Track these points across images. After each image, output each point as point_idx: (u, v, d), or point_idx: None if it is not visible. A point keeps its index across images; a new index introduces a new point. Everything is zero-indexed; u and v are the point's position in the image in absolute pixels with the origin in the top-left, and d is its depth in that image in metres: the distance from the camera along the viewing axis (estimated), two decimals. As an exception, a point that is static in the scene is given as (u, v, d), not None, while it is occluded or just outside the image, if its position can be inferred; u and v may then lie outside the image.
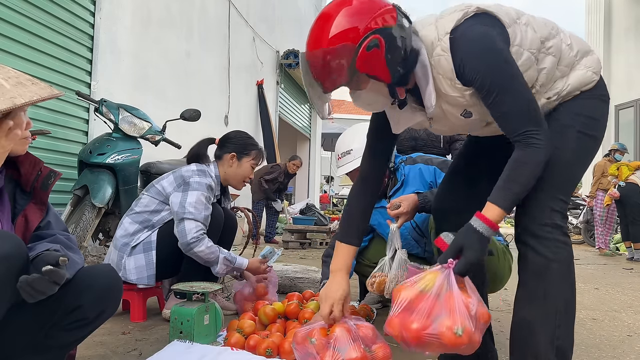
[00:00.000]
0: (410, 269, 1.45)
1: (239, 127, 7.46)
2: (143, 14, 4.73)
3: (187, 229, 2.31)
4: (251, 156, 2.62)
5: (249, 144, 2.64)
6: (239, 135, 2.67)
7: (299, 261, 4.98)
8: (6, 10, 3.18)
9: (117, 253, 2.42)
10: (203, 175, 2.46)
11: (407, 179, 2.25)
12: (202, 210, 2.37)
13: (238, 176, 2.61)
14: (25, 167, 1.32)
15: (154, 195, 2.48)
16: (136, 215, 2.46)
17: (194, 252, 2.32)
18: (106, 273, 1.39)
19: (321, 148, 14.46)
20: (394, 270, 2.06)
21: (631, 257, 6.52)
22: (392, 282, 2.04)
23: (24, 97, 1.17)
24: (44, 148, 3.48)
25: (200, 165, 2.54)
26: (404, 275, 2.05)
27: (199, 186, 2.40)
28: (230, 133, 2.70)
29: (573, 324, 1.43)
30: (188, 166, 2.53)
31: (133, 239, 2.42)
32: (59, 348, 1.34)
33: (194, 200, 2.36)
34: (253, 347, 1.90)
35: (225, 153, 2.59)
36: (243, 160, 2.60)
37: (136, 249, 2.40)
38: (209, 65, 6.30)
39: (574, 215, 9.44)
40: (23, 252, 1.17)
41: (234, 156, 2.58)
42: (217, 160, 2.61)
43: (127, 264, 2.38)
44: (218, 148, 2.64)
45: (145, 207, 2.46)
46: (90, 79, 4.01)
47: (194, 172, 2.46)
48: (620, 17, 10.26)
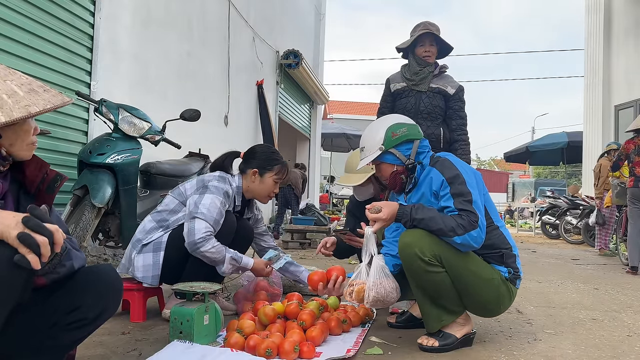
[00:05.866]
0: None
1: (239, 127, 7.46)
2: (143, 14, 4.72)
3: (196, 228, 2.31)
4: (274, 172, 2.62)
5: (271, 160, 2.63)
6: (262, 150, 2.68)
7: (299, 261, 4.96)
8: (6, 10, 3.18)
9: (130, 248, 2.49)
10: (222, 182, 2.50)
11: (420, 182, 2.19)
12: (215, 213, 2.37)
13: (261, 191, 2.63)
14: (31, 169, 1.32)
15: (176, 196, 2.54)
16: (157, 214, 2.53)
17: (201, 252, 2.31)
18: (106, 273, 1.39)
19: (321, 148, 14.46)
20: (372, 277, 2.05)
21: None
22: (371, 289, 2.03)
23: (38, 106, 1.17)
24: (44, 148, 3.47)
25: (223, 172, 2.58)
26: (382, 282, 2.04)
27: (215, 190, 2.43)
28: (256, 147, 2.71)
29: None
30: (212, 174, 2.58)
31: (147, 236, 2.47)
32: (58, 348, 1.33)
33: (208, 202, 2.37)
34: (253, 348, 1.90)
35: (248, 168, 2.61)
36: (265, 176, 2.61)
37: (147, 247, 2.44)
38: (209, 65, 6.29)
39: (574, 215, 9.45)
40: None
41: (256, 172, 2.60)
42: (242, 174, 2.64)
43: (136, 260, 2.43)
44: (242, 162, 2.67)
45: (166, 207, 2.53)
46: (90, 79, 4.01)
47: (214, 177, 2.52)
48: (620, 17, 10.26)
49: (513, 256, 2.14)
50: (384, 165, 2.24)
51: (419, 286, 2.12)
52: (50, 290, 1.30)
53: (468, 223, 1.96)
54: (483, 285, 2.06)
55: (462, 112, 3.30)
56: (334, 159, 17.97)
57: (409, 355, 2.03)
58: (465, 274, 2.04)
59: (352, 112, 31.33)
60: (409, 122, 2.28)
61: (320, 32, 13.43)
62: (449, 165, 2.12)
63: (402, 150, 2.19)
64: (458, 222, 1.96)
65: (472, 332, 2.18)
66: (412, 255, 2.02)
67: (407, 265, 2.08)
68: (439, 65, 3.32)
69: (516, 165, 31.53)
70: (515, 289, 2.15)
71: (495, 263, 2.11)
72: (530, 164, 15.41)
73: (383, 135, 2.19)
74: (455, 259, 2.02)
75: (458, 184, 2.04)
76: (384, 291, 2.05)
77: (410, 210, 2.05)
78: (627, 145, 5.30)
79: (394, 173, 2.21)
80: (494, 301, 2.12)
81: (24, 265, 1.02)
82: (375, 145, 2.20)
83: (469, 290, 2.07)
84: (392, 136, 2.18)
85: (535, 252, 7.36)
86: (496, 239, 2.12)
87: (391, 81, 3.38)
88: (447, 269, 2.02)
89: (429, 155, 2.24)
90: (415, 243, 2.02)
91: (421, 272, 2.04)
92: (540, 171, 35.38)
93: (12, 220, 1.04)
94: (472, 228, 1.95)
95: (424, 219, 2.01)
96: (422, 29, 3.25)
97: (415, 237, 2.03)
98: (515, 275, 2.14)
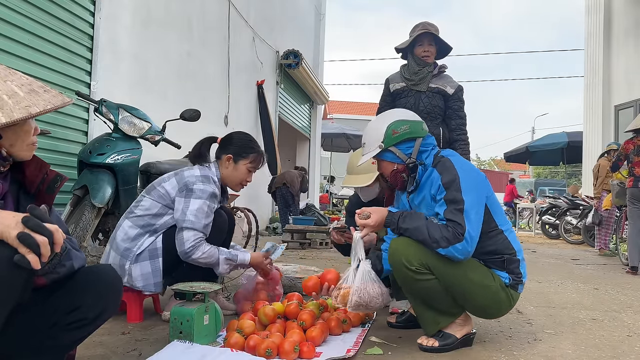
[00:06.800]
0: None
1: (239, 127, 7.45)
2: (143, 14, 4.72)
3: (184, 238, 2.30)
4: (248, 159, 2.54)
5: (247, 147, 2.57)
6: (239, 136, 2.61)
7: (298, 261, 4.97)
8: (6, 10, 3.18)
9: (118, 258, 2.38)
10: (207, 182, 2.41)
11: (423, 183, 2.13)
12: (202, 218, 2.34)
13: (234, 179, 2.56)
14: (31, 169, 1.32)
15: (156, 198, 2.43)
16: (137, 219, 2.42)
17: (193, 260, 2.32)
18: (106, 273, 1.39)
19: (321, 148, 14.46)
20: (358, 282, 2.03)
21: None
22: (354, 294, 2.01)
23: (38, 106, 1.17)
24: (44, 148, 3.47)
25: (203, 168, 2.49)
26: (367, 287, 2.03)
27: (202, 194, 2.37)
28: (232, 134, 2.64)
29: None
30: (191, 170, 2.48)
31: (136, 244, 2.38)
32: (58, 348, 1.33)
33: (195, 208, 2.33)
34: (253, 348, 1.90)
35: (223, 154, 2.55)
36: (240, 163, 2.53)
37: (142, 256, 2.36)
38: (209, 65, 6.29)
39: (574, 215, 9.45)
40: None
41: (230, 158, 2.52)
42: (217, 160, 2.58)
43: (132, 271, 2.35)
44: (218, 148, 2.60)
45: (147, 211, 2.42)
46: (90, 79, 4.01)
47: (197, 179, 2.41)
48: (620, 17, 10.26)
49: (516, 261, 2.10)
50: (384, 162, 2.21)
51: (411, 292, 2.12)
52: (50, 290, 1.30)
53: (453, 236, 1.92)
54: (479, 291, 2.03)
55: (461, 112, 3.30)
56: (334, 159, 17.98)
57: (409, 355, 2.03)
58: (458, 281, 2.01)
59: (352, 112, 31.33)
60: (413, 118, 2.22)
61: (320, 32, 13.44)
62: (449, 166, 2.05)
63: (402, 149, 2.14)
64: (443, 234, 1.93)
65: (472, 332, 2.18)
66: (399, 263, 2.02)
67: (396, 273, 2.08)
68: (438, 65, 3.32)
69: (516, 165, 31.50)
70: (517, 294, 2.11)
71: (496, 268, 2.07)
72: (530, 164, 15.40)
73: (383, 132, 2.14)
74: (446, 266, 1.99)
75: (453, 189, 1.98)
76: (368, 296, 2.02)
77: (397, 219, 2.05)
78: (627, 146, 5.29)
79: (394, 171, 2.17)
80: (493, 306, 2.09)
81: (24, 265, 1.02)
82: (375, 142, 2.16)
83: (465, 297, 2.05)
84: (393, 134, 2.13)
85: (535, 252, 7.36)
86: (499, 244, 2.08)
87: (390, 81, 3.38)
88: (438, 277, 2.01)
89: (433, 154, 2.16)
90: (402, 252, 2.01)
91: (410, 280, 2.03)
92: (540, 171, 35.37)
93: (12, 220, 1.04)
94: (457, 241, 1.92)
95: (409, 229, 2.01)
96: (421, 29, 3.25)
97: (402, 245, 2.03)
98: (517, 281, 2.09)
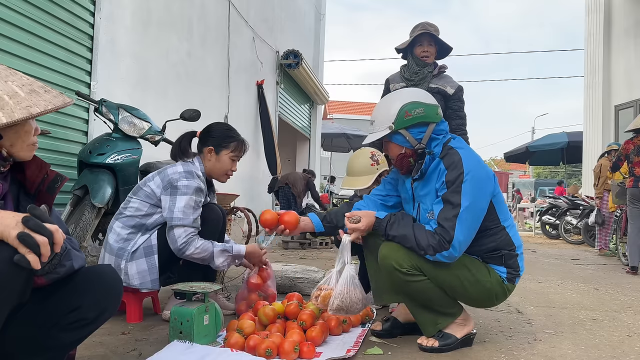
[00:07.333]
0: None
1: (239, 127, 7.41)
2: (143, 14, 4.72)
3: (176, 235, 2.30)
4: (230, 149, 2.52)
5: (227, 137, 2.54)
6: (217, 127, 2.58)
7: (298, 261, 4.98)
8: (6, 10, 3.18)
9: (113, 258, 2.37)
10: (191, 177, 2.40)
11: (429, 174, 2.07)
12: (190, 214, 2.33)
13: (218, 170, 2.53)
14: (32, 169, 1.32)
15: (144, 198, 2.42)
16: (128, 219, 2.41)
17: (187, 256, 2.32)
18: (106, 273, 1.39)
19: (321, 148, 14.45)
20: (340, 286, 2.01)
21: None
22: (336, 298, 2.00)
23: (39, 107, 1.17)
24: (44, 148, 3.47)
25: (186, 164, 2.47)
26: (350, 292, 2.02)
27: (187, 190, 2.36)
28: (211, 125, 2.61)
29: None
30: (174, 167, 2.46)
31: (130, 243, 2.38)
32: (58, 348, 1.33)
33: (182, 205, 2.32)
34: (253, 348, 1.90)
35: (204, 147, 2.52)
36: (222, 154, 2.51)
37: (137, 254, 2.36)
38: (209, 65, 6.29)
39: (574, 215, 9.45)
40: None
41: (211, 150, 2.50)
42: (199, 154, 2.55)
43: (128, 269, 2.35)
44: (199, 141, 2.57)
45: (137, 212, 2.41)
46: (90, 79, 4.01)
47: (181, 175, 2.40)
48: (620, 17, 10.26)
49: (515, 256, 2.11)
50: (392, 145, 2.12)
51: (406, 295, 2.11)
52: (50, 290, 1.30)
53: (439, 244, 1.93)
54: (472, 287, 2.05)
55: (461, 112, 3.30)
56: (334, 159, 17.98)
57: (409, 355, 2.03)
58: (450, 279, 2.03)
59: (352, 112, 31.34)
60: (428, 101, 2.10)
61: (320, 32, 13.43)
62: (457, 161, 1.99)
63: (413, 133, 2.06)
64: (430, 242, 1.94)
65: (473, 333, 2.17)
66: (389, 267, 2.02)
67: (388, 277, 2.08)
68: (438, 65, 3.32)
69: (516, 165, 31.51)
70: (513, 286, 2.14)
71: (494, 264, 2.09)
72: (530, 164, 15.41)
73: (396, 112, 2.04)
74: (436, 267, 2.00)
75: (454, 190, 1.96)
76: (349, 301, 2.01)
77: (385, 225, 2.05)
78: (627, 146, 5.29)
79: (401, 155, 2.10)
80: (487, 298, 2.13)
81: (24, 265, 1.02)
82: (386, 122, 2.07)
83: (457, 292, 2.07)
84: (406, 116, 2.03)
85: (535, 252, 7.36)
86: (500, 241, 2.08)
87: (390, 81, 3.38)
88: (430, 277, 2.02)
89: (442, 143, 2.08)
90: (392, 256, 2.02)
91: (402, 282, 2.04)
92: (540, 171, 35.38)
93: (12, 220, 1.04)
94: (443, 249, 1.93)
95: (397, 237, 2.02)
96: (421, 29, 3.26)
97: (392, 249, 2.04)
98: (514, 275, 2.12)
